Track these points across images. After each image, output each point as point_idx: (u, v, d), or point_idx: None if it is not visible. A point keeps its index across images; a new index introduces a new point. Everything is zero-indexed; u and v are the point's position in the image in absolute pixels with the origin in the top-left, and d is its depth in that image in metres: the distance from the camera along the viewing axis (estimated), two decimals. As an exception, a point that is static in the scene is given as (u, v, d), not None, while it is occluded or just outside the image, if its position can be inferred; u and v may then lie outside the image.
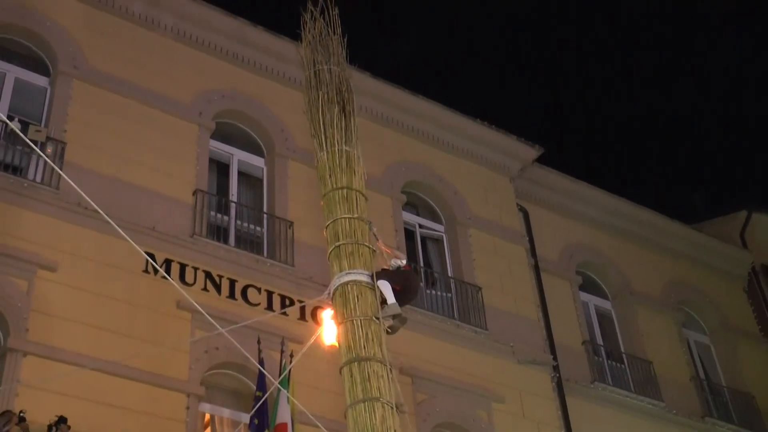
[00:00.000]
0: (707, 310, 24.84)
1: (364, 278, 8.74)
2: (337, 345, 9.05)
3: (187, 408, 14.72)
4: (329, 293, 8.92)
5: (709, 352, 24.45)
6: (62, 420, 12.79)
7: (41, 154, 11.58)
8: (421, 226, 20.80)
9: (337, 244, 8.96)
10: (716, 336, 24.62)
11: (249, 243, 17.53)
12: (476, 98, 44.89)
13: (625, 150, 49.86)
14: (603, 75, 51.93)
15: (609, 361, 21.86)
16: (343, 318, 8.53)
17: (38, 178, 15.61)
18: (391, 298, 8.89)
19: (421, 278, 19.09)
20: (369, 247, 9.03)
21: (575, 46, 50.25)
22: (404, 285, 9.20)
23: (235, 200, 18.13)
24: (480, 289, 19.79)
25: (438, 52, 48.94)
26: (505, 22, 49.41)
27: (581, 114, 50.54)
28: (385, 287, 8.91)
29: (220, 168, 18.60)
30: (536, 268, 21.61)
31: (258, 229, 17.90)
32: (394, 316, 8.84)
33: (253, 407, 13.74)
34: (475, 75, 48.52)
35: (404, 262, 9.65)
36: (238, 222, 17.73)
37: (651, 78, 51.02)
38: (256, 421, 13.87)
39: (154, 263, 14.50)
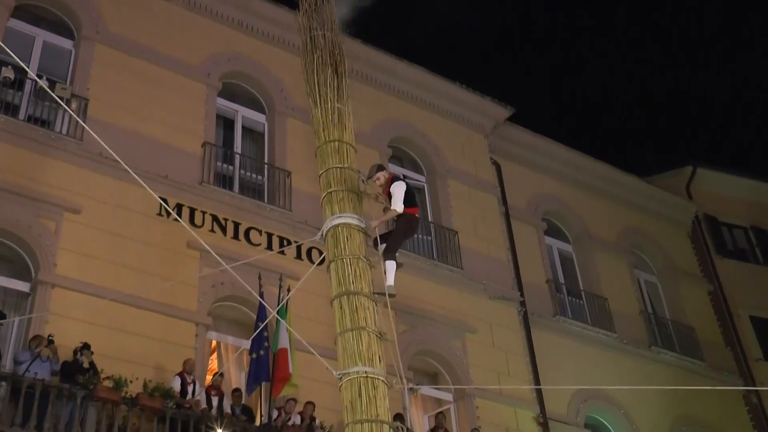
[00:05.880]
0: (656, 253, 24.95)
1: (354, 221, 8.65)
2: None
3: (196, 335, 14.79)
4: (322, 235, 8.82)
5: (656, 290, 24.56)
6: (86, 346, 12.82)
7: (67, 108, 11.46)
8: (405, 177, 20.64)
9: (329, 191, 8.83)
10: (663, 276, 24.74)
11: (251, 190, 17.46)
12: (456, 63, 44.64)
13: (587, 111, 49.80)
14: (572, 48, 51.65)
15: (569, 298, 21.96)
16: (334, 256, 8.45)
17: (64, 131, 15.47)
18: (390, 281, 8.92)
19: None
20: (357, 194, 8.93)
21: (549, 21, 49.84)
22: (409, 228, 9.25)
23: (240, 152, 18.01)
24: (456, 233, 19.79)
25: (422, 21, 48.52)
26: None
27: (550, 78, 50.34)
28: (390, 268, 8.95)
29: (226, 123, 18.49)
30: (506, 215, 21.61)
31: (259, 178, 17.82)
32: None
33: (253, 335, 13.74)
34: (456, 41, 48.17)
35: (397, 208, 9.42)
36: (242, 171, 17.64)
37: (614, 49, 50.83)
38: (253, 356, 13.89)
39: (167, 207, 14.51)
